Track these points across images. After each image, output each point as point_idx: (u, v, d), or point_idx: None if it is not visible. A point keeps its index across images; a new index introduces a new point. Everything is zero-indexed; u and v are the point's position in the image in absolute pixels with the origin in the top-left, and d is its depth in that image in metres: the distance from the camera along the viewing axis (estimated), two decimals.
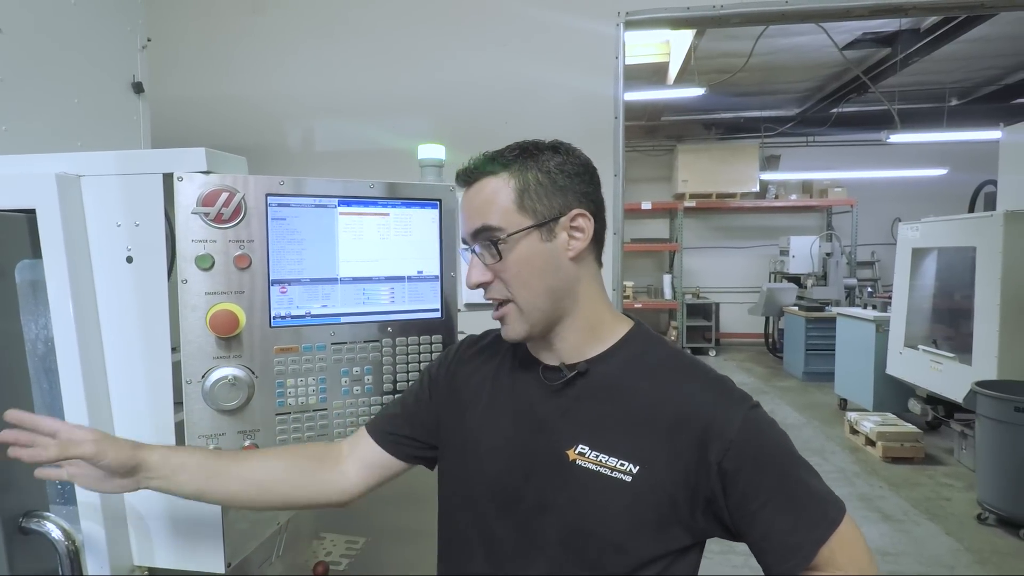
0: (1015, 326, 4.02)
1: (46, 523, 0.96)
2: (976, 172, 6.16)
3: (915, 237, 5.16)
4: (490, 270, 0.86)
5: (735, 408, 0.82)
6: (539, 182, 0.85)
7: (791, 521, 0.80)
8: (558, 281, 0.86)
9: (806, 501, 0.81)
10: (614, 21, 1.98)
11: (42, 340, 0.98)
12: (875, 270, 9.20)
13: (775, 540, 0.80)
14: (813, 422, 5.61)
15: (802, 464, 0.83)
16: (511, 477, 0.88)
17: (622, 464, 0.81)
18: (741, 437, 0.80)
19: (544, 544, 0.85)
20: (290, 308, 1.04)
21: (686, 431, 0.81)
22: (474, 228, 0.86)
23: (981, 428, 3.70)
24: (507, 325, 0.88)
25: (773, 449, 0.83)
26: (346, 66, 2.10)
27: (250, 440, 1.01)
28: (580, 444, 0.84)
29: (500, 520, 0.89)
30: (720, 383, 0.86)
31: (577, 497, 0.83)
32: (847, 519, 0.82)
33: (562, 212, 0.85)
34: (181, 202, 0.95)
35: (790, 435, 0.86)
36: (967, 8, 2.13)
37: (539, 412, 0.89)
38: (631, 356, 0.88)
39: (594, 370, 0.88)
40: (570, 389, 0.88)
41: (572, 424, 0.86)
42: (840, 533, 0.80)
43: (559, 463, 0.84)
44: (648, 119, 8.39)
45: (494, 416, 0.93)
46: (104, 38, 1.36)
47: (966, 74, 6.99)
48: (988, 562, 3.24)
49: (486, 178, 0.87)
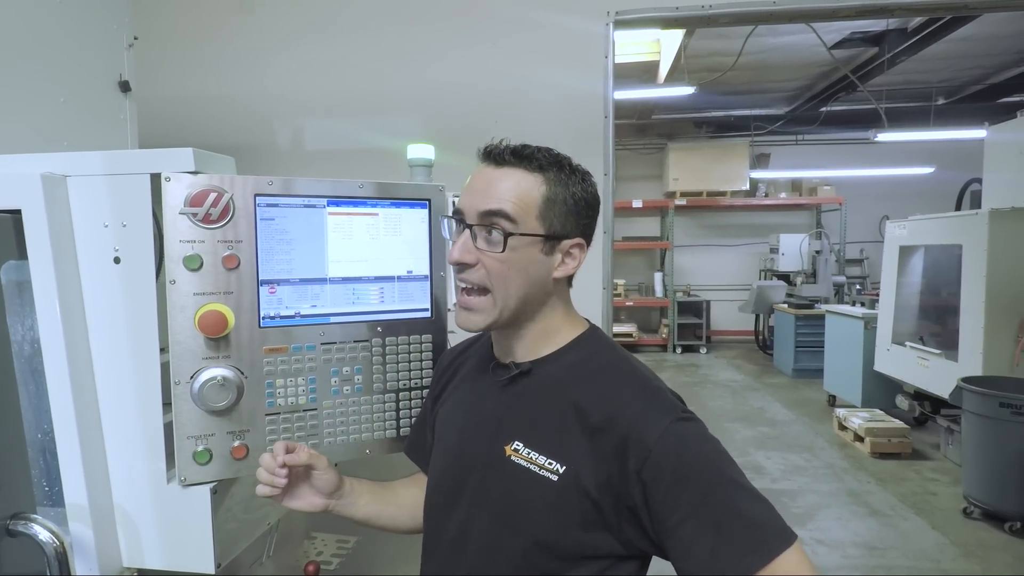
0: (999, 323, 4.08)
1: (33, 525, 0.96)
2: (963, 170, 6.25)
3: (902, 235, 5.21)
4: (478, 254, 0.85)
5: (660, 417, 0.79)
6: (564, 200, 0.86)
7: (712, 544, 0.73)
8: (535, 292, 0.88)
9: (734, 525, 0.73)
10: (603, 20, 1.98)
11: (28, 341, 0.98)
12: (864, 268, 9.30)
13: (693, 562, 0.73)
14: (802, 418, 5.66)
15: (739, 487, 0.76)
16: (458, 472, 0.92)
17: (550, 463, 0.82)
18: (660, 447, 0.77)
19: (477, 538, 0.88)
20: (279, 308, 1.03)
21: (609, 436, 0.80)
22: (488, 208, 0.84)
23: (967, 423, 3.75)
24: (472, 314, 0.88)
25: (698, 464, 0.77)
26: (335, 65, 2.09)
27: (240, 441, 1.00)
28: (516, 441, 0.86)
29: (447, 514, 0.92)
30: (653, 392, 0.83)
31: (509, 492, 0.85)
32: (794, 553, 0.72)
33: (569, 235, 0.88)
34: (169, 202, 0.94)
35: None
36: (951, 9, 2.15)
37: (487, 409, 0.92)
38: (577, 359, 0.90)
39: (539, 370, 0.90)
40: (515, 387, 0.90)
41: (512, 421, 0.88)
42: (777, 566, 0.71)
43: (498, 458, 0.87)
44: (639, 117, 8.42)
45: (454, 414, 0.98)
46: (90, 37, 1.35)
47: (952, 73, 7.07)
48: (973, 555, 3.29)
49: (520, 169, 0.85)
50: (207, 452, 0.98)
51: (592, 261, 2.01)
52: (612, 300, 2.08)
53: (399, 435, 1.15)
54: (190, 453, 0.97)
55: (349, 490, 1.01)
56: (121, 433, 1.00)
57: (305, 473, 0.97)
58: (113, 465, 1.01)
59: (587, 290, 1.99)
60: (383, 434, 1.13)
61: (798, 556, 0.72)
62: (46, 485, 0.99)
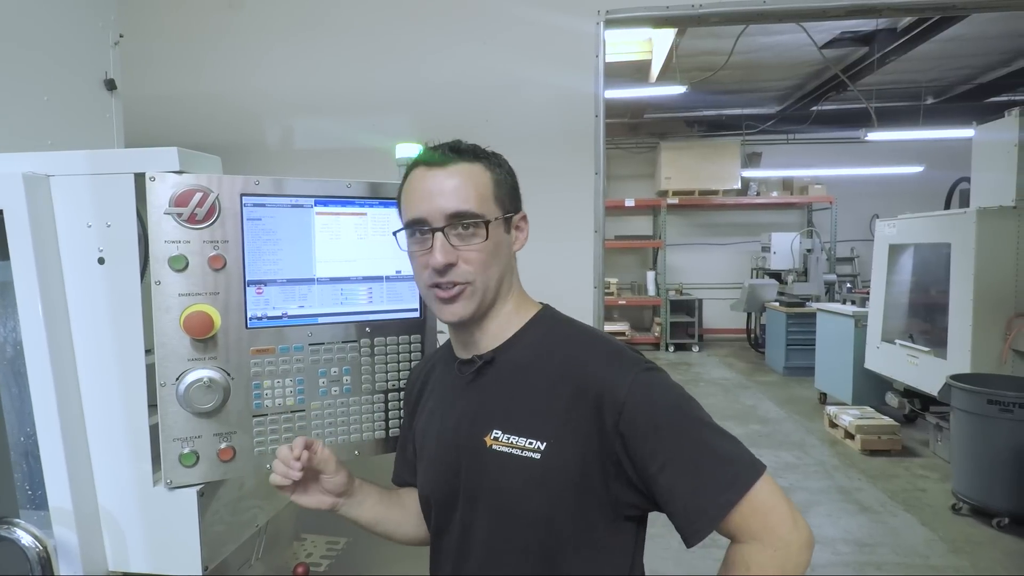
0: (987, 321, 4.12)
1: (16, 530, 0.95)
2: (952, 169, 6.30)
3: (892, 234, 5.25)
4: (456, 252, 0.87)
5: (625, 371, 0.83)
6: (505, 181, 0.92)
7: (692, 484, 0.79)
8: (507, 270, 0.93)
9: (710, 463, 0.80)
10: (594, 20, 1.98)
11: (11, 343, 0.97)
12: (854, 266, 9.35)
13: (679, 503, 0.79)
14: (794, 416, 5.69)
15: (707, 426, 0.82)
16: (447, 475, 0.93)
17: (531, 443, 0.85)
18: (632, 399, 0.81)
19: (480, 533, 0.89)
20: (267, 309, 1.03)
21: (583, 401, 0.83)
22: (455, 209, 0.86)
23: (955, 420, 3.78)
24: (457, 304, 0.89)
25: (667, 410, 0.82)
26: (323, 63, 2.08)
27: (227, 443, 1.00)
28: (494, 430, 0.88)
29: (447, 519, 0.94)
30: (616, 351, 0.88)
31: (497, 481, 0.87)
32: (764, 483, 0.79)
33: (517, 211, 0.95)
34: (153, 202, 0.93)
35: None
36: (939, 8, 2.16)
37: (459, 406, 0.94)
38: (535, 338, 0.93)
39: (501, 357, 0.92)
40: (481, 379, 0.92)
41: (486, 412, 0.90)
42: (751, 498, 0.78)
43: (480, 451, 0.88)
44: (631, 116, 8.43)
45: (430, 423, 0.99)
46: (75, 34, 1.34)
47: (941, 73, 7.13)
48: (962, 551, 3.32)
49: (463, 163, 0.89)
50: (193, 454, 0.97)
51: (583, 260, 2.01)
52: (604, 299, 2.08)
53: (388, 436, 1.14)
54: (176, 455, 0.96)
55: (358, 491, 1.02)
56: (106, 435, 0.99)
57: (315, 473, 0.98)
58: (98, 468, 1.00)
59: (578, 289, 1.99)
60: (371, 435, 1.13)
61: (769, 485, 0.80)
62: (29, 489, 0.98)
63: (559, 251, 1.89)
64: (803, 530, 0.79)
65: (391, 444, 1.15)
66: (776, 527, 0.78)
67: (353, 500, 1.02)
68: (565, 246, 1.96)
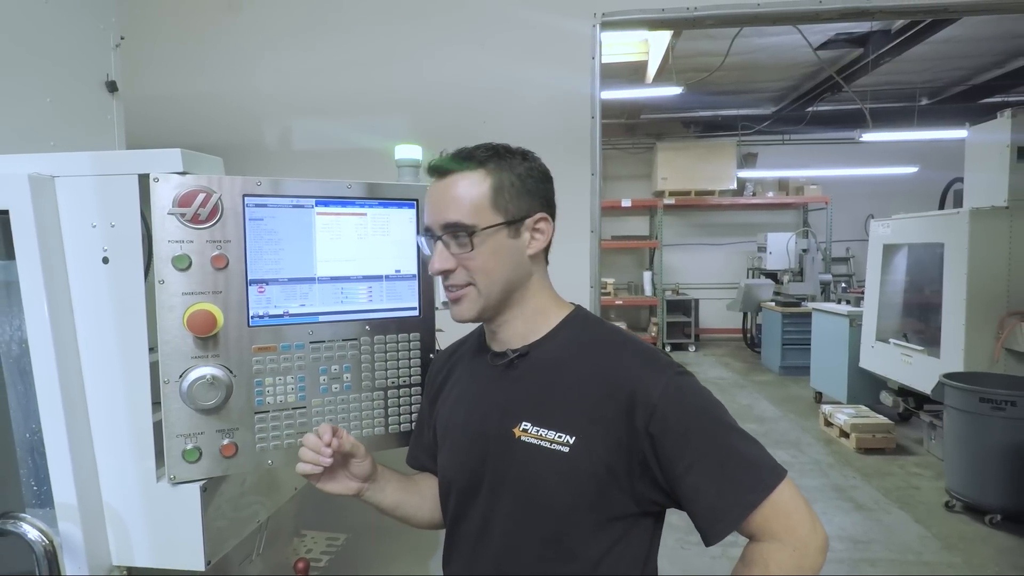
0: (980, 320, 4.15)
1: (22, 524, 0.96)
2: (946, 170, 6.33)
3: (886, 234, 5.28)
4: (455, 258, 0.91)
5: (659, 374, 0.86)
6: (512, 184, 0.92)
7: (717, 485, 0.82)
8: (516, 274, 0.93)
9: (735, 466, 0.83)
10: (591, 22, 2.00)
11: (16, 342, 0.98)
12: (850, 266, 9.39)
13: (702, 503, 0.82)
14: (789, 415, 5.72)
15: (734, 430, 0.85)
16: (472, 462, 0.95)
17: (560, 436, 0.87)
18: (664, 401, 0.84)
19: (502, 522, 0.91)
20: (268, 308, 1.04)
21: (615, 400, 0.86)
22: (447, 220, 0.90)
23: (948, 419, 3.81)
24: (461, 305, 0.93)
25: (698, 413, 0.85)
26: (323, 65, 2.09)
27: (229, 439, 1.01)
28: (524, 421, 0.90)
29: (468, 507, 0.96)
30: (649, 353, 0.90)
31: (523, 472, 0.89)
32: (786, 486, 0.82)
33: (528, 214, 0.93)
34: (157, 203, 0.95)
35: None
36: (931, 11, 2.19)
37: (489, 396, 0.96)
38: (569, 336, 0.95)
39: (535, 352, 0.94)
40: (514, 371, 0.94)
41: (517, 403, 0.92)
42: (774, 500, 0.81)
43: (507, 441, 0.90)
44: (628, 117, 8.46)
45: (457, 409, 1.01)
46: (77, 36, 1.35)
47: (935, 74, 7.17)
48: (955, 548, 3.35)
49: (462, 172, 0.91)
50: (196, 450, 0.99)
51: (580, 260, 2.03)
52: (601, 299, 2.10)
53: (387, 432, 1.16)
54: (179, 451, 0.98)
55: (380, 476, 1.04)
56: (110, 432, 1.01)
57: (344, 459, 0.99)
58: (102, 464, 1.01)
59: (575, 288, 2.01)
60: (372, 431, 1.15)
61: (791, 488, 0.83)
62: (35, 485, 0.99)
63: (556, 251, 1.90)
64: (820, 533, 0.82)
65: (391, 440, 1.16)
66: (796, 528, 0.81)
67: (376, 485, 1.03)
68: (562, 246, 1.97)
